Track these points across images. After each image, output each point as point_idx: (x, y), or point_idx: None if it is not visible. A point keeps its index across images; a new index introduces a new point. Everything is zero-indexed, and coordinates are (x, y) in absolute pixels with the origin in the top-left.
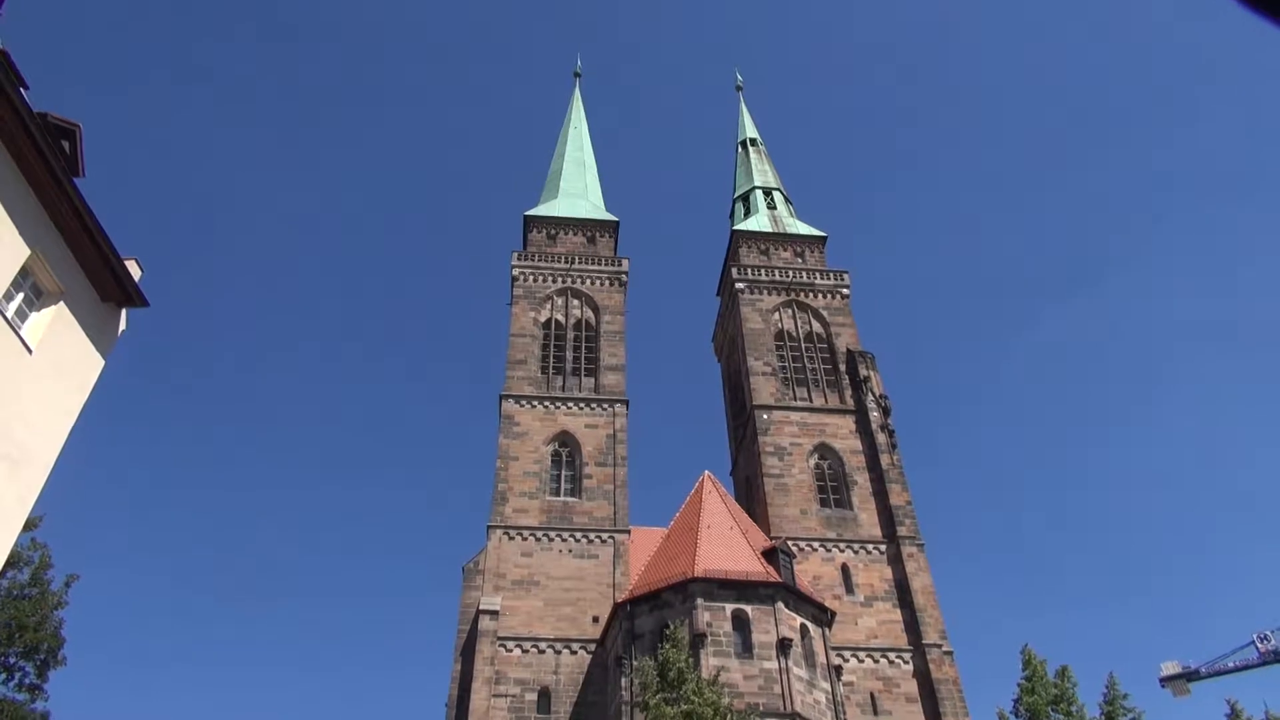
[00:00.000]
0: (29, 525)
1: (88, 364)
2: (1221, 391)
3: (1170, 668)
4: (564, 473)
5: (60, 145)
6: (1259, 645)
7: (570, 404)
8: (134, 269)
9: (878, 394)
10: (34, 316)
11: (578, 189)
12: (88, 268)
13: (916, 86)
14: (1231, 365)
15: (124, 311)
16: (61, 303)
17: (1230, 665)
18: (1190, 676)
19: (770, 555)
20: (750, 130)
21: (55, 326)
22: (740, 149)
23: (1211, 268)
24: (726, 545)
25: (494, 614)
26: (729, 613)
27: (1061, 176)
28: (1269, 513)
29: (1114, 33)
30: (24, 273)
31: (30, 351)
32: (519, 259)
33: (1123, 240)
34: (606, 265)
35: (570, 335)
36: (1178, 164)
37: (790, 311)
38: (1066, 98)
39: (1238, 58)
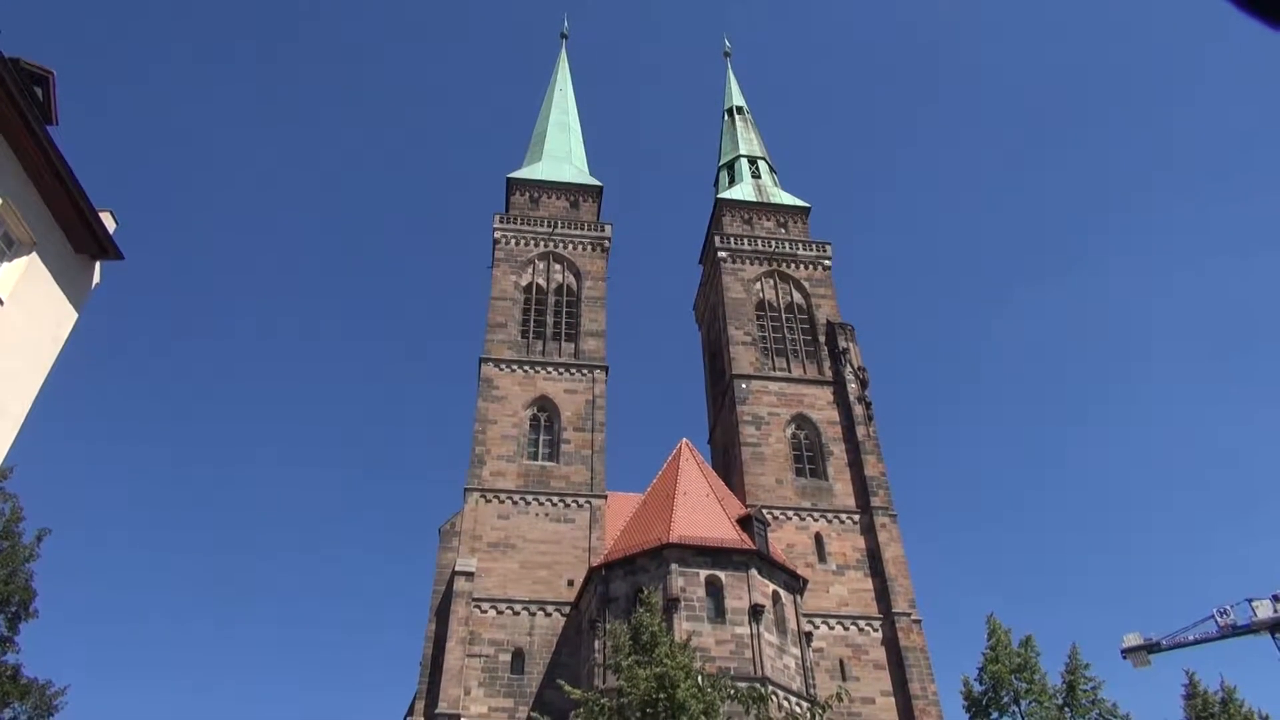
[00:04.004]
0: (0, 476)
1: (61, 316)
2: (1190, 374)
3: (1132, 639)
4: (542, 437)
5: (33, 92)
6: (1219, 619)
7: (550, 369)
8: (108, 221)
9: (856, 366)
10: (5, 267)
11: (562, 152)
12: (61, 218)
13: (907, 61)
14: (1200, 350)
15: (98, 264)
16: (34, 253)
17: (1190, 638)
18: (1151, 648)
19: (745, 523)
20: (737, 98)
21: (27, 277)
22: (726, 116)
23: (1192, 257)
24: (702, 512)
25: (469, 575)
26: (703, 579)
27: (1049, 156)
28: (1231, 493)
29: (1105, 12)
30: None
31: (1, 302)
32: (501, 222)
33: (1105, 225)
34: (589, 230)
35: (551, 300)
36: (1169, 148)
37: (772, 281)
38: (1056, 77)
39: (1224, 43)
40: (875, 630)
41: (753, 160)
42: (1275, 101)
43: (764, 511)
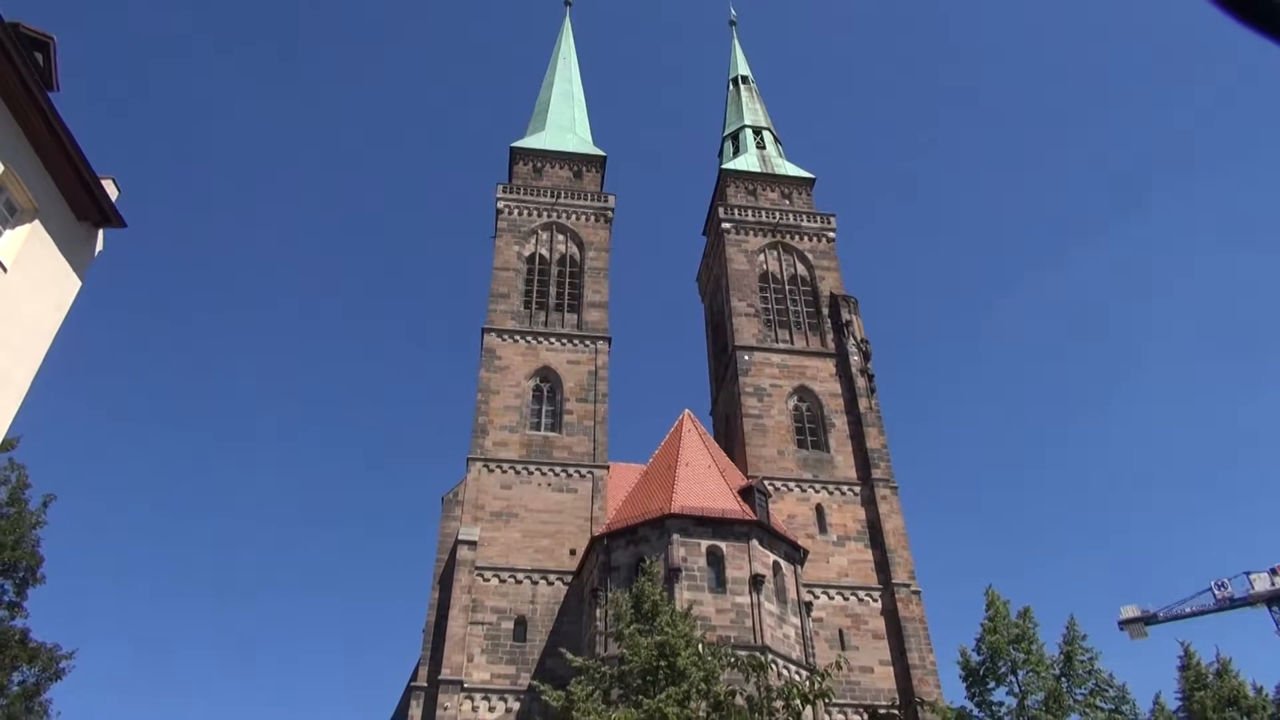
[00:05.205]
0: (5, 446)
1: (64, 284)
2: (1194, 354)
3: (1129, 611)
4: (545, 407)
5: (33, 57)
6: (1216, 592)
7: (552, 339)
8: (110, 188)
9: (859, 338)
10: (7, 234)
11: (565, 122)
12: (63, 185)
13: (914, 34)
14: (1204, 331)
15: (100, 232)
16: (36, 220)
17: (1187, 610)
18: (1148, 620)
19: (747, 494)
20: (742, 67)
21: (30, 245)
22: (731, 86)
23: (1201, 242)
24: (704, 483)
25: (472, 544)
26: (704, 549)
27: (1058, 135)
28: (1232, 468)
29: None
30: None
31: (5, 270)
32: (504, 191)
33: (1112, 207)
34: (592, 201)
35: (554, 270)
36: (1178, 135)
37: (775, 253)
38: (1066, 56)
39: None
40: (875, 601)
41: (757, 131)
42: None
43: (765, 483)
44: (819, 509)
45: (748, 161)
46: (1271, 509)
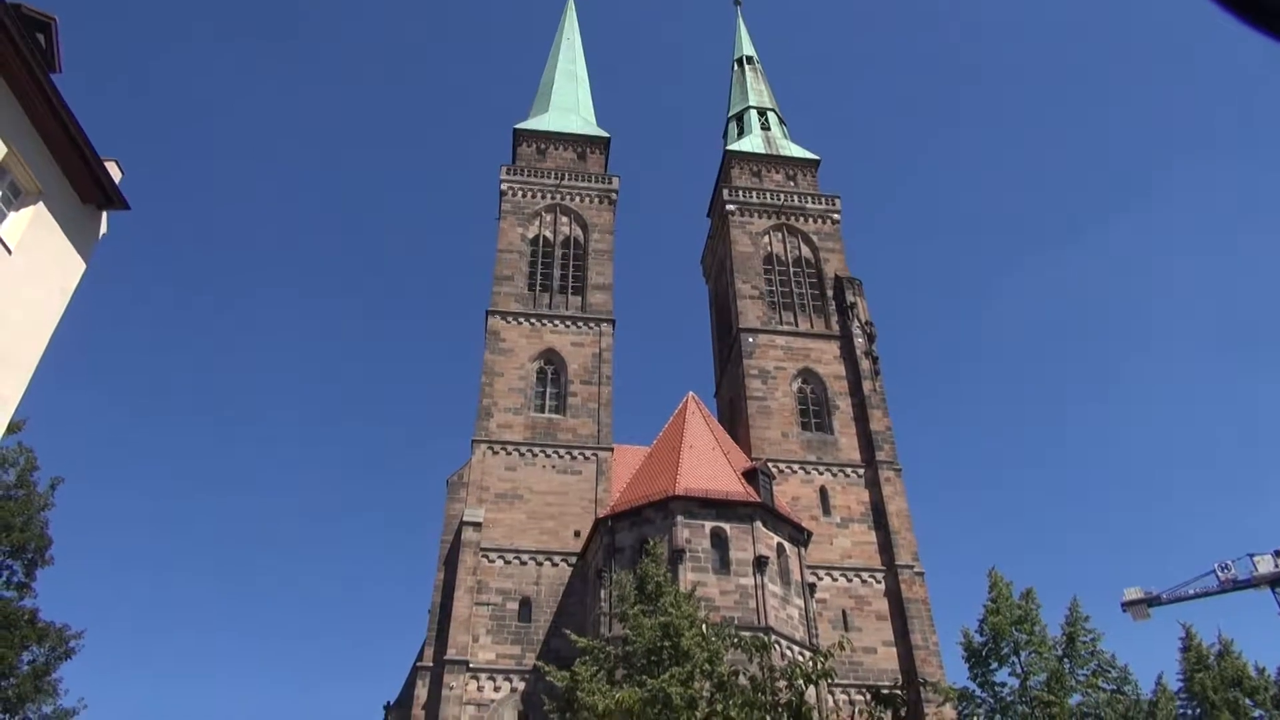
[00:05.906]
0: (13, 428)
1: (69, 266)
2: (1194, 335)
3: (1132, 593)
4: (549, 390)
5: (35, 39)
6: (1219, 574)
7: (556, 321)
8: (114, 170)
9: (863, 320)
10: (12, 216)
11: (569, 103)
12: (66, 168)
13: (920, 16)
14: (1208, 314)
15: (104, 214)
16: (40, 203)
17: (1191, 592)
18: (1151, 602)
19: (751, 476)
20: (747, 48)
21: (34, 227)
22: (736, 67)
23: (1207, 228)
24: (708, 465)
25: (477, 525)
26: (708, 530)
27: (1061, 120)
28: (1236, 449)
29: None
30: (0, 170)
31: (10, 252)
32: (507, 173)
33: (1115, 190)
34: (596, 182)
35: (558, 252)
36: (1189, 116)
37: (780, 235)
38: (1078, 39)
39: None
40: (878, 582)
41: (762, 112)
42: None
43: (769, 465)
44: (823, 491)
45: (752, 143)
46: (1276, 490)
